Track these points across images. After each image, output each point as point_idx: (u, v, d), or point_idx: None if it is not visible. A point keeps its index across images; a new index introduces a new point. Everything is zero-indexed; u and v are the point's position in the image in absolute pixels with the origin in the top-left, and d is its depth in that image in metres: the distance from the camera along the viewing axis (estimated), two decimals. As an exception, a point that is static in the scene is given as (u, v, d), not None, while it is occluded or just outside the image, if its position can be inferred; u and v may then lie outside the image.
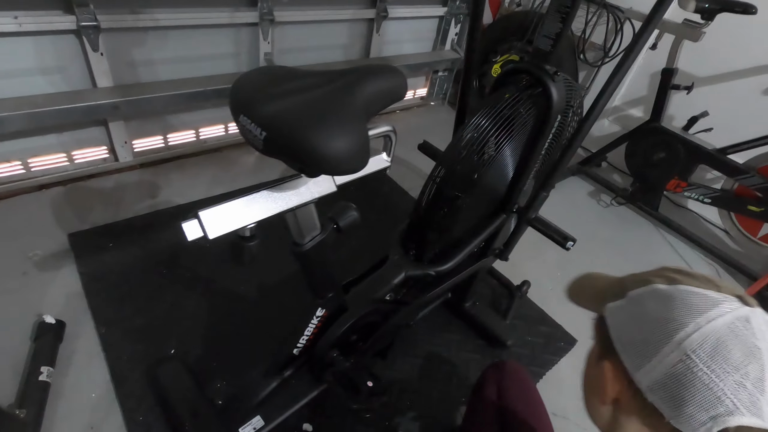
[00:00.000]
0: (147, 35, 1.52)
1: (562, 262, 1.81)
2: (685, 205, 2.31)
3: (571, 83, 1.07)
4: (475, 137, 0.98)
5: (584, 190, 2.32)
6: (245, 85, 0.54)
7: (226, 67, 1.77)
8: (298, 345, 0.91)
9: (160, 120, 1.75)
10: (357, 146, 0.50)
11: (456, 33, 2.44)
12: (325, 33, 1.98)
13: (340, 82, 0.55)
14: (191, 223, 0.53)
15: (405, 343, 1.35)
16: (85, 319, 1.25)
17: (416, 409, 1.20)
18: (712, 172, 2.10)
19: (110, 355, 1.17)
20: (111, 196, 1.64)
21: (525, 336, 1.46)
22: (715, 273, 1.94)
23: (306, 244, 0.71)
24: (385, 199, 1.92)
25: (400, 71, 0.62)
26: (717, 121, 1.95)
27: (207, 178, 1.82)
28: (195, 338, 1.25)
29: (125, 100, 1.50)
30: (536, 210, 1.17)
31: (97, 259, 1.40)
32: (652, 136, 2.00)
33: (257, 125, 0.50)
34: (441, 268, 1.09)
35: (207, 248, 1.50)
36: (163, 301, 1.32)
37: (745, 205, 1.85)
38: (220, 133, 1.96)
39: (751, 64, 1.95)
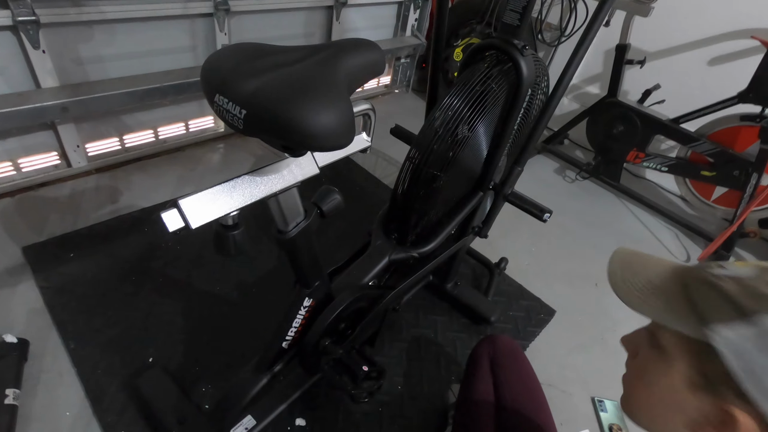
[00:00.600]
0: (93, 30, 1.42)
1: (536, 237, 1.85)
2: (644, 176, 2.43)
3: (538, 59, 1.08)
4: (449, 116, 0.98)
5: (550, 167, 2.39)
6: (218, 63, 0.51)
7: (182, 61, 1.69)
8: (286, 338, 0.88)
9: (115, 121, 1.65)
10: (342, 120, 0.48)
11: (416, 18, 2.44)
12: (285, 22, 1.92)
13: (319, 56, 0.53)
14: (171, 213, 0.50)
15: (391, 329, 1.35)
16: (50, 335, 1.17)
17: (408, 392, 1.20)
18: (667, 142, 2.22)
19: (83, 371, 1.10)
20: (67, 204, 1.54)
21: (507, 311, 1.49)
22: (674, 237, 2.05)
23: (291, 231, 0.69)
24: (360, 190, 1.90)
25: (377, 45, 0.60)
26: (669, 92, 2.04)
27: (171, 179, 1.74)
28: (174, 344, 1.19)
29: (74, 101, 1.40)
30: (512, 185, 1.18)
31: (58, 271, 1.31)
32: (610, 111, 2.08)
33: (236, 104, 0.47)
34: (423, 249, 1.09)
35: (179, 250, 1.44)
36: (136, 309, 1.26)
37: (698, 171, 1.96)
38: (180, 132, 1.87)
39: (696, 37, 2.05)
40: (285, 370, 0.95)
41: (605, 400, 1.30)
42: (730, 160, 1.84)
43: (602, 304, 1.61)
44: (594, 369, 1.38)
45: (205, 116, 1.91)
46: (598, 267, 1.78)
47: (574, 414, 1.25)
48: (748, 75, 1.71)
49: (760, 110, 1.75)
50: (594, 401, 1.29)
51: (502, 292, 1.56)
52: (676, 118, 1.96)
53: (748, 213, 1.77)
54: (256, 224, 1.53)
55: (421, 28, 2.51)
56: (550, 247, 1.83)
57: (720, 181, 1.91)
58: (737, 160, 1.82)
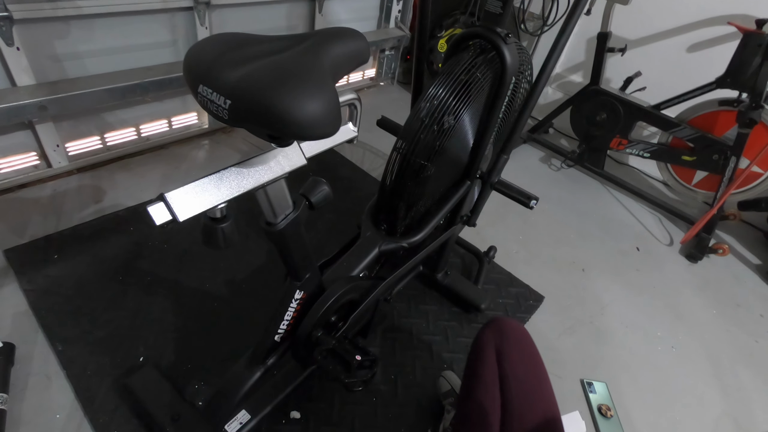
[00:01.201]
0: (69, 25, 1.39)
1: (523, 225, 1.88)
2: (627, 162, 2.47)
3: (521, 47, 1.09)
4: (434, 105, 0.98)
5: (536, 156, 2.41)
6: (200, 54, 0.50)
7: (162, 56, 1.66)
8: (279, 331, 0.88)
9: (96, 119, 1.62)
10: (329, 108, 0.48)
11: (399, 10, 2.43)
12: (266, 15, 1.90)
13: (304, 45, 0.53)
14: (157, 206, 0.49)
15: (384, 319, 1.36)
16: (36, 338, 1.15)
17: (401, 381, 1.21)
18: (649, 128, 2.26)
19: (72, 372, 1.08)
20: (49, 205, 1.51)
21: (497, 299, 1.51)
22: (658, 222, 2.09)
23: (279, 223, 0.69)
24: (348, 183, 1.90)
25: (361, 34, 0.60)
26: (650, 79, 2.08)
27: (156, 177, 1.71)
28: (165, 342, 1.18)
29: (52, 99, 1.37)
30: (498, 173, 1.20)
31: (42, 273, 1.28)
32: (593, 99, 2.10)
33: (220, 94, 0.47)
34: (413, 239, 1.09)
35: (166, 248, 1.43)
36: (124, 308, 1.24)
37: (679, 156, 2.00)
38: (163, 129, 1.84)
39: (675, 24, 2.09)
40: (278, 364, 0.95)
41: (594, 381, 1.33)
42: (709, 145, 1.89)
43: (589, 289, 1.64)
44: (582, 352, 1.41)
45: (189, 112, 1.89)
46: (584, 253, 1.81)
47: (564, 396, 1.28)
48: (726, 60, 1.75)
49: (737, 95, 1.79)
50: (583, 383, 1.32)
51: (491, 280, 1.57)
52: (657, 104, 2.00)
53: (727, 196, 1.81)
54: (243, 219, 1.52)
55: (405, 20, 2.50)
56: (538, 234, 1.86)
57: (700, 165, 1.95)
58: (716, 144, 1.86)
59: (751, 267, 1.92)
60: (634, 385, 1.35)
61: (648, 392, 1.33)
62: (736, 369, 1.46)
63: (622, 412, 1.26)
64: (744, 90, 1.75)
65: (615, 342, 1.47)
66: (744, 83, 1.73)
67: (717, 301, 1.71)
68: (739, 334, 1.59)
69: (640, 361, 1.42)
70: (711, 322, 1.62)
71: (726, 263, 1.91)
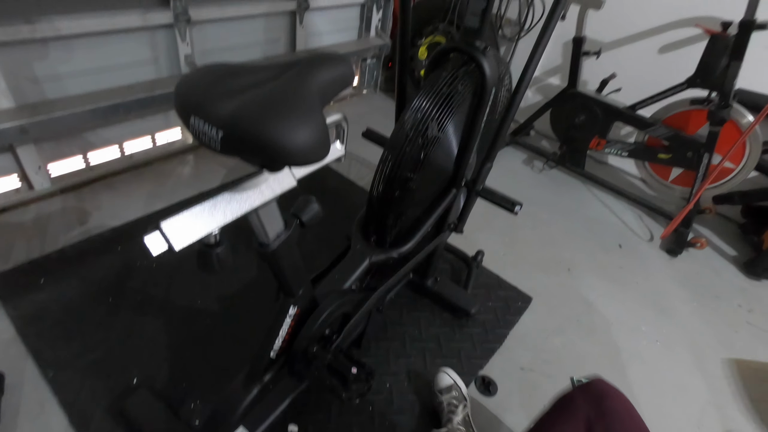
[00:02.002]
0: (48, 47, 1.38)
1: (509, 228, 1.92)
2: (606, 161, 2.54)
3: (500, 58, 1.13)
4: (418, 118, 1.01)
5: (518, 158, 2.46)
6: (191, 85, 0.52)
7: (144, 74, 1.65)
8: (274, 348, 0.89)
9: (78, 139, 1.60)
10: (318, 135, 0.50)
11: (379, 19, 2.46)
12: (248, 29, 1.90)
13: (290, 73, 0.54)
14: (153, 235, 0.50)
15: (376, 329, 1.38)
16: (26, 365, 1.13)
17: (396, 388, 1.23)
18: (626, 128, 2.32)
19: (65, 399, 1.07)
20: (32, 228, 1.49)
21: (486, 302, 1.54)
22: (638, 218, 2.15)
23: (272, 243, 0.70)
24: (335, 193, 1.91)
25: (345, 57, 0.62)
26: (624, 81, 2.15)
27: (141, 195, 1.70)
28: (158, 363, 1.18)
29: (33, 122, 1.36)
30: (483, 181, 1.23)
31: (29, 298, 1.27)
32: (571, 101, 2.16)
33: (212, 125, 0.48)
34: (402, 249, 1.11)
35: (155, 267, 1.42)
36: (115, 330, 1.23)
37: (656, 154, 2.06)
38: (147, 146, 1.83)
39: (646, 27, 2.16)
40: (273, 379, 0.96)
41: (583, 378, 1.36)
42: (683, 143, 1.95)
43: (575, 288, 1.68)
44: (571, 350, 1.45)
45: (172, 128, 1.88)
46: (569, 252, 1.86)
47: (554, 395, 1.30)
48: (695, 61, 1.82)
49: (707, 94, 1.87)
50: (573, 381, 1.35)
51: (480, 284, 1.60)
52: (633, 105, 2.06)
53: (702, 191, 1.88)
54: (233, 235, 1.52)
55: (385, 28, 2.53)
56: (523, 236, 1.90)
57: (675, 162, 2.02)
58: (690, 142, 1.93)
59: (728, 258, 1.99)
60: (622, 380, 1.39)
61: (635, 386, 1.37)
62: (718, 360, 1.51)
63: (612, 408, 1.30)
64: (713, 89, 1.83)
65: (602, 339, 1.51)
66: (713, 83, 1.80)
67: (697, 294, 1.77)
68: (720, 325, 1.65)
69: (626, 356, 1.46)
70: (692, 314, 1.68)
71: (704, 256, 1.98)
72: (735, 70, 1.70)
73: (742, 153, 1.89)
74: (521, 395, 1.28)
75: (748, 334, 1.63)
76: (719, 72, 1.76)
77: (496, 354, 1.38)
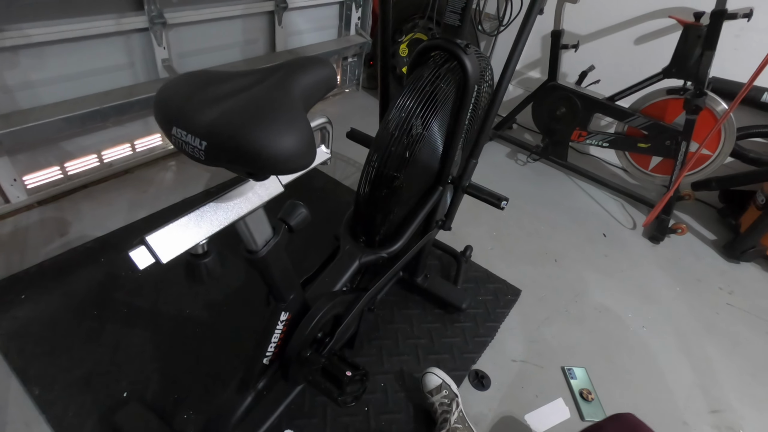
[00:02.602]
0: (18, 55, 1.33)
1: (496, 222, 1.93)
2: (588, 152, 2.58)
3: (481, 54, 1.13)
4: (403, 117, 1.01)
5: (502, 152, 2.48)
6: (171, 95, 0.50)
7: (121, 80, 1.61)
8: (267, 354, 0.88)
9: (54, 148, 1.56)
10: (305, 141, 0.49)
11: (359, 17, 2.45)
12: (226, 31, 1.87)
13: (272, 79, 0.54)
14: (139, 250, 0.49)
15: (368, 328, 1.38)
16: (9, 383, 1.10)
17: (391, 387, 1.23)
18: (605, 119, 2.36)
19: (52, 416, 1.05)
20: (10, 242, 1.44)
21: (476, 296, 1.55)
22: (621, 207, 2.20)
23: (261, 251, 0.69)
24: (321, 193, 1.90)
25: (328, 60, 0.62)
26: (603, 72, 2.18)
27: (123, 204, 1.66)
28: (148, 374, 1.16)
29: (6, 132, 1.31)
30: (469, 177, 1.23)
31: (9, 315, 1.23)
32: (552, 94, 2.18)
33: (195, 136, 0.48)
34: (392, 248, 1.12)
35: (141, 277, 1.39)
36: (102, 344, 1.21)
37: (635, 144, 2.10)
38: (126, 153, 1.80)
39: (621, 19, 2.20)
40: (268, 386, 0.95)
41: (573, 367, 1.39)
42: (661, 132, 2.00)
43: (563, 279, 1.71)
44: (561, 340, 1.47)
45: (152, 134, 1.84)
46: (556, 243, 1.88)
47: (547, 385, 1.33)
48: (670, 51, 1.86)
49: (683, 84, 1.91)
50: (564, 370, 1.38)
51: (470, 279, 1.62)
52: (612, 96, 2.10)
53: (681, 178, 1.92)
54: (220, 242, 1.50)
55: (365, 26, 2.52)
56: (510, 229, 1.92)
57: (654, 151, 2.06)
58: (668, 131, 1.98)
59: (707, 243, 2.05)
60: (611, 367, 1.42)
61: (624, 372, 1.41)
62: (702, 342, 1.56)
63: (603, 394, 1.33)
64: (688, 79, 1.87)
65: (590, 327, 1.54)
66: (688, 72, 1.85)
67: (680, 279, 1.82)
68: (702, 308, 1.69)
69: (614, 343, 1.50)
70: (676, 299, 1.72)
71: (685, 241, 2.03)
72: (708, 59, 1.74)
73: (718, 140, 1.94)
74: (514, 387, 1.30)
75: (728, 315, 1.68)
76: (693, 61, 1.80)
77: (488, 348, 1.40)
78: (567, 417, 1.26)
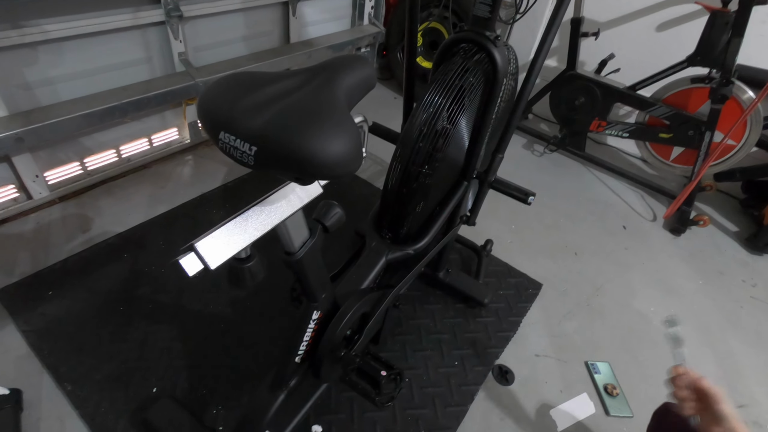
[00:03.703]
0: (38, 51, 1.33)
1: (513, 215, 1.91)
2: (606, 143, 2.53)
3: (509, 47, 1.11)
4: (430, 113, 0.99)
5: (518, 143, 2.45)
6: (216, 99, 0.49)
7: (138, 74, 1.60)
8: (299, 352, 0.89)
9: (73, 144, 1.56)
10: (354, 145, 0.48)
11: (372, 6, 2.40)
12: (240, 23, 1.85)
13: (317, 81, 0.52)
14: (189, 257, 0.49)
15: (392, 323, 1.38)
16: (43, 380, 1.12)
17: (416, 382, 1.23)
18: (625, 109, 2.32)
19: (85, 412, 1.06)
20: (34, 239, 1.46)
21: (498, 291, 1.54)
22: (640, 199, 2.16)
23: (298, 252, 0.69)
24: (340, 188, 1.89)
25: (367, 59, 0.60)
26: (623, 61, 2.13)
27: (142, 199, 1.67)
28: (176, 370, 1.17)
29: (28, 130, 1.31)
30: (495, 172, 1.22)
31: (38, 312, 1.24)
32: (570, 84, 2.14)
33: (244, 141, 0.46)
34: (418, 245, 1.11)
35: (164, 273, 1.40)
36: (130, 340, 1.22)
37: (656, 134, 2.06)
38: (144, 148, 1.79)
39: (644, 5, 2.13)
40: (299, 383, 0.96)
41: (597, 362, 1.38)
42: (684, 122, 1.95)
43: (583, 272, 1.70)
44: (583, 335, 1.46)
45: (169, 129, 1.84)
46: (575, 236, 1.86)
47: (571, 380, 1.32)
48: (695, 39, 1.81)
49: (708, 72, 1.86)
50: (588, 365, 1.37)
51: (491, 273, 1.61)
52: (633, 85, 2.05)
53: (705, 169, 1.89)
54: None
55: (378, 16, 2.48)
56: (529, 222, 1.90)
57: (677, 141, 2.02)
58: (691, 120, 1.93)
59: (730, 235, 2.02)
60: (634, 361, 1.41)
61: (648, 367, 1.40)
62: (725, 335, 1.54)
63: (627, 389, 1.32)
64: (714, 67, 1.82)
65: (612, 321, 1.52)
66: (714, 60, 1.80)
67: (702, 271, 1.79)
68: (725, 302, 1.67)
69: (637, 337, 1.49)
70: (698, 292, 1.70)
71: (707, 233, 2.00)
72: (736, 47, 1.69)
73: (744, 130, 1.90)
74: (538, 383, 1.30)
75: (752, 308, 1.66)
76: (720, 49, 1.75)
77: (510, 342, 1.39)
78: (592, 412, 1.25)
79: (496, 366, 1.32)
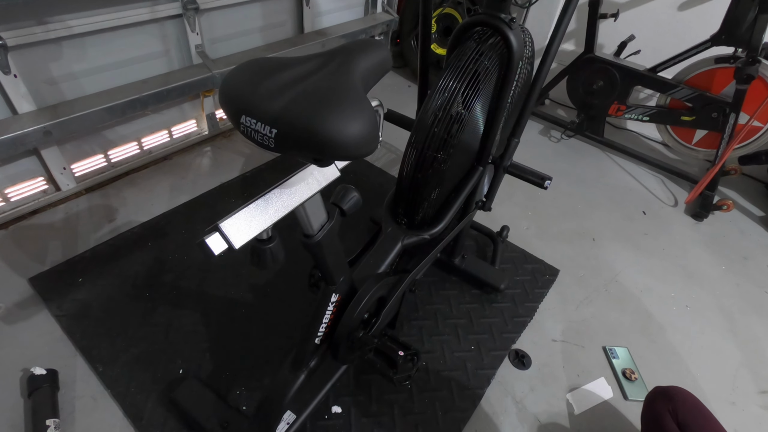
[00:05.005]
0: (62, 47, 1.37)
1: (530, 201, 1.90)
2: (625, 127, 2.48)
3: (524, 29, 1.09)
4: (445, 98, 0.99)
5: (535, 129, 2.42)
6: (237, 84, 0.51)
7: (156, 68, 1.64)
8: (318, 334, 0.91)
9: (98, 137, 1.61)
10: (371, 126, 0.49)
11: (385, -7, 2.39)
12: (255, 14, 1.87)
13: (333, 64, 0.53)
14: (214, 237, 0.51)
15: (408, 308, 1.40)
16: (76, 362, 1.17)
17: (433, 366, 1.25)
18: (645, 92, 2.26)
19: (116, 392, 1.12)
20: (63, 228, 1.52)
21: (514, 277, 1.55)
22: (661, 184, 2.12)
23: (317, 235, 0.70)
24: (353, 175, 1.91)
25: (382, 42, 0.61)
26: (643, 42, 2.07)
27: (164, 189, 1.71)
28: (200, 353, 1.21)
29: (55, 123, 1.36)
30: (510, 157, 1.21)
31: (70, 298, 1.30)
32: (588, 67, 2.10)
33: (265, 124, 0.48)
34: (434, 230, 1.12)
35: (187, 261, 1.44)
36: (156, 324, 1.27)
37: (678, 117, 2.01)
38: (164, 140, 1.84)
39: (665, -16, 2.07)
40: (318, 364, 0.98)
41: (615, 347, 1.37)
42: (708, 103, 1.90)
43: (601, 258, 1.68)
44: (601, 320, 1.46)
45: (187, 120, 1.88)
46: (593, 222, 1.84)
47: (588, 364, 1.32)
48: (718, 17, 1.75)
49: (732, 51, 1.80)
50: (605, 350, 1.37)
51: (507, 259, 1.61)
52: (653, 67, 2.00)
53: (729, 152, 1.84)
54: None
55: (392, 3, 2.46)
56: (545, 208, 1.88)
57: (700, 124, 1.97)
58: (715, 102, 1.88)
59: (754, 219, 1.97)
60: (653, 346, 1.40)
61: (668, 352, 1.39)
62: (749, 321, 1.51)
63: (646, 374, 1.31)
64: (740, 46, 1.76)
65: (631, 307, 1.51)
66: (739, 39, 1.74)
67: (725, 257, 1.76)
68: (749, 287, 1.64)
69: (657, 322, 1.47)
70: (721, 277, 1.67)
71: (731, 218, 1.95)
72: (763, 24, 1.63)
73: (770, 110, 1.84)
74: (555, 367, 1.30)
75: (778, 294, 1.62)
76: (746, 27, 1.69)
77: (527, 327, 1.40)
78: (610, 396, 1.25)
79: (513, 350, 1.33)
